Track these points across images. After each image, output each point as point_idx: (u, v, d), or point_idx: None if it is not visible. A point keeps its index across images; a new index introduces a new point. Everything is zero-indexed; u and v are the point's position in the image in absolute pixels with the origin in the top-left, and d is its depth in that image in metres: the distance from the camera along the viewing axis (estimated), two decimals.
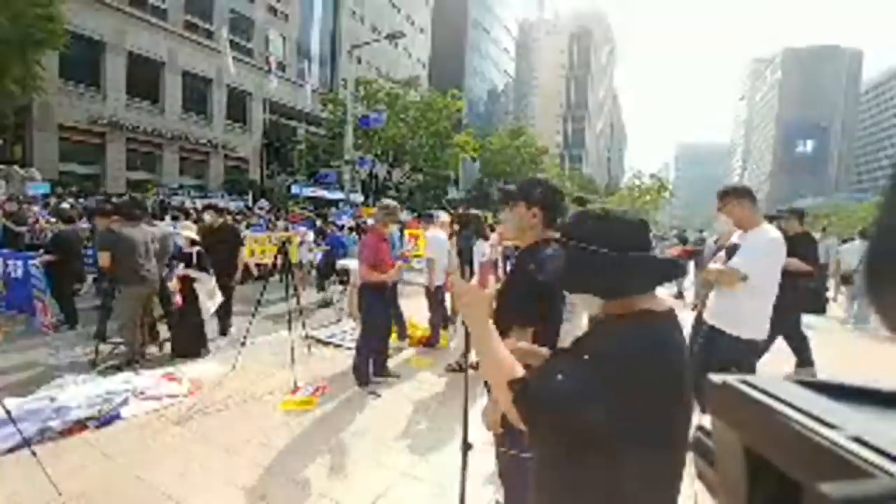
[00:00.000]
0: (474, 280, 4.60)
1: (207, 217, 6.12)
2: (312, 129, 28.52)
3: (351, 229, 10.38)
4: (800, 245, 4.11)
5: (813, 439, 0.25)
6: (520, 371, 1.04)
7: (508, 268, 5.29)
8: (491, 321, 1.14)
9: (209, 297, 4.78)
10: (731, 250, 2.84)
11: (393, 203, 4.41)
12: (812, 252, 4.41)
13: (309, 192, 25.47)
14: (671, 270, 1.02)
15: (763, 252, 2.71)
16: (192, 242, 4.90)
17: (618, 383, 0.91)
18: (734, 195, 2.87)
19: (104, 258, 4.46)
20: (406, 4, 42.57)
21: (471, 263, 5.44)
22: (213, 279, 4.86)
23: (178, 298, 4.84)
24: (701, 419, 0.45)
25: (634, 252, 1.02)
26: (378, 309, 4.26)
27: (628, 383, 0.91)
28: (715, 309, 2.89)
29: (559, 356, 1.13)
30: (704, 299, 3.18)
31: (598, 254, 1.02)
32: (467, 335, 1.54)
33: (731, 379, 0.32)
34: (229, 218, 7.67)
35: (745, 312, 2.72)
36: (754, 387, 0.30)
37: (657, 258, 1.05)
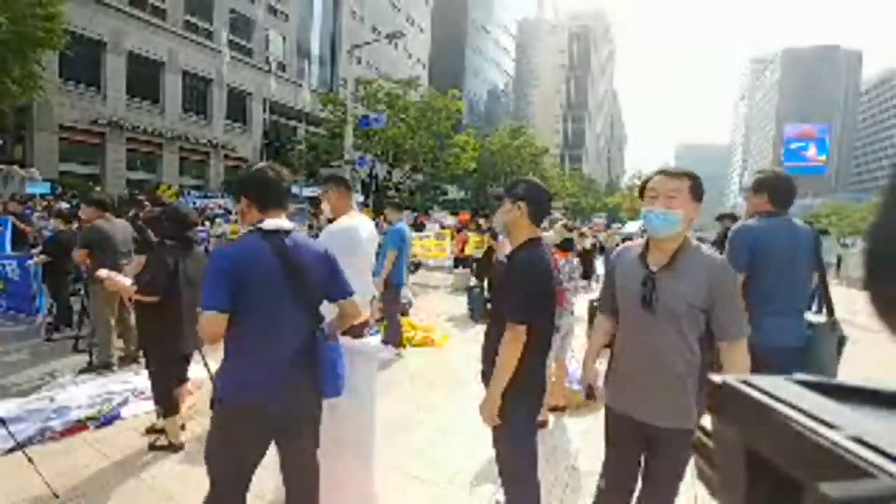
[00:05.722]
0: None
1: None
2: (312, 129, 28.51)
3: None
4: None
5: (813, 439, 0.25)
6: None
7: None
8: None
9: None
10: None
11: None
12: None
13: (309, 192, 25.45)
14: None
15: None
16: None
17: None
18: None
19: (82, 254, 4.27)
20: (406, 4, 42.55)
21: None
22: None
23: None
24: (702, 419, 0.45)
25: None
26: None
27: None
28: None
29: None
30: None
31: None
32: None
33: (731, 379, 0.32)
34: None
35: None
36: (754, 387, 0.30)
37: None
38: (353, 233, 2.91)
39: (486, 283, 7.50)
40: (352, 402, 1.99)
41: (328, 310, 1.90)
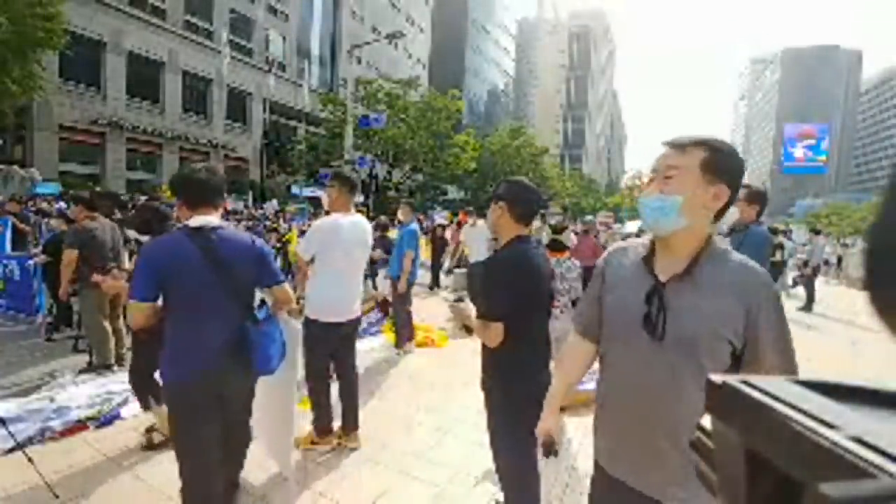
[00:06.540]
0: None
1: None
2: (312, 129, 28.53)
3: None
4: None
5: (813, 439, 0.25)
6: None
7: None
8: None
9: None
10: None
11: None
12: None
13: (309, 192, 25.46)
14: None
15: None
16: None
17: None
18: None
19: (71, 256, 4.16)
20: (406, 4, 42.56)
21: None
22: None
23: None
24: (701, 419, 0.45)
25: None
26: None
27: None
28: None
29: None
30: None
31: None
32: None
33: (731, 378, 0.32)
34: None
35: None
36: (754, 387, 0.30)
37: None
38: (334, 227, 2.97)
39: None
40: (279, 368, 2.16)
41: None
